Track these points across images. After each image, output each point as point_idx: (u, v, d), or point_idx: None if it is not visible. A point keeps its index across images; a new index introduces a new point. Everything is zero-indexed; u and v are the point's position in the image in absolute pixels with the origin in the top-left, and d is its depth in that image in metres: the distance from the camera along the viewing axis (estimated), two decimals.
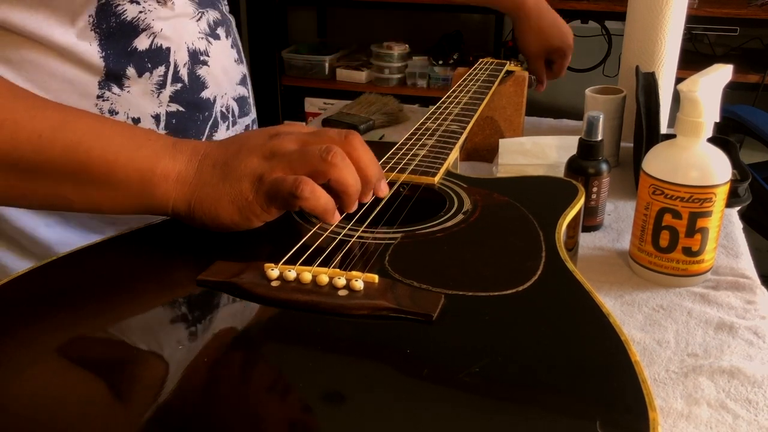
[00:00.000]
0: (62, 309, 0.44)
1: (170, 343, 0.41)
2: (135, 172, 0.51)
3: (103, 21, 0.60)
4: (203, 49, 0.69)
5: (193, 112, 0.68)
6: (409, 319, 0.42)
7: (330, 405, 0.36)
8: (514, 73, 0.99)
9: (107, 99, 0.61)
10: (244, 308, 0.44)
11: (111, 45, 0.61)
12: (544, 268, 0.48)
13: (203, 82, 0.69)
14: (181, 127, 0.67)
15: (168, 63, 0.65)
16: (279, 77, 2.85)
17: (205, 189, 0.51)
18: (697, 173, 0.64)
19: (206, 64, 0.69)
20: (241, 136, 0.55)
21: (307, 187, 0.49)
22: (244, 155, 0.52)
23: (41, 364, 0.39)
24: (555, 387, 0.37)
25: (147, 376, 0.38)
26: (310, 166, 0.50)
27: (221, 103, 0.72)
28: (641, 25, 0.99)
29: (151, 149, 0.52)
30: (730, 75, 0.67)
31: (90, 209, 0.53)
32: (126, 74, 0.62)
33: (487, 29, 2.91)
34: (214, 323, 0.43)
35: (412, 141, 0.70)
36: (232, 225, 0.51)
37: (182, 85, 0.67)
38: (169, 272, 0.49)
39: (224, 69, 0.72)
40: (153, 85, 0.64)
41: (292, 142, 0.52)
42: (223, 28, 0.73)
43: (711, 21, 2.25)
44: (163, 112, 0.65)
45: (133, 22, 0.62)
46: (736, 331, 0.61)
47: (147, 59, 0.63)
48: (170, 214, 0.52)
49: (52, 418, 0.35)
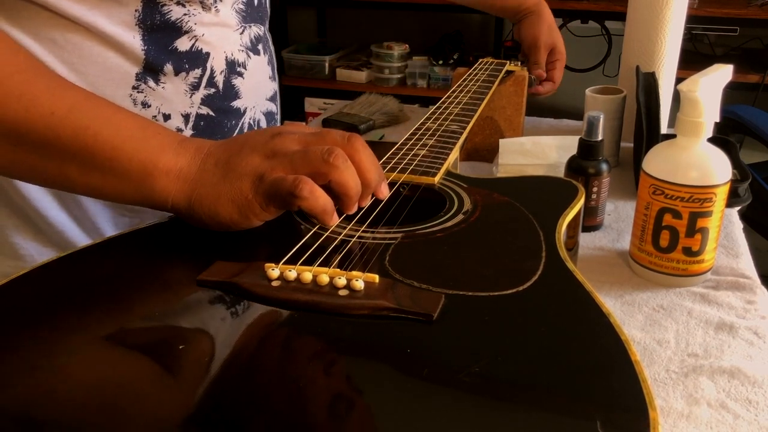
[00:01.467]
0: (61, 309, 0.44)
1: (170, 343, 0.41)
2: (137, 163, 0.51)
3: (148, 18, 0.61)
4: (242, 61, 0.70)
5: (222, 118, 0.69)
6: (409, 319, 0.42)
7: (330, 405, 0.36)
8: (514, 73, 0.99)
9: (142, 91, 0.63)
10: (245, 308, 0.44)
11: (153, 41, 0.62)
12: (544, 268, 0.48)
13: (236, 92, 0.70)
14: (209, 131, 0.68)
15: (205, 67, 0.66)
16: (279, 77, 2.85)
17: (206, 187, 0.51)
18: (697, 173, 0.64)
19: (242, 76, 0.70)
20: (243, 135, 0.55)
21: (306, 187, 0.49)
22: (245, 154, 0.52)
23: (40, 363, 0.39)
24: (555, 387, 0.37)
25: (146, 376, 0.38)
26: (311, 166, 0.50)
27: (250, 115, 0.73)
28: (641, 25, 0.99)
29: (157, 143, 0.52)
30: (730, 75, 0.67)
31: (91, 193, 0.54)
32: (163, 70, 0.63)
33: (487, 29, 2.91)
34: (214, 323, 0.43)
35: (412, 141, 0.70)
36: (231, 223, 0.52)
37: (215, 91, 0.68)
38: (169, 272, 0.49)
39: (258, 83, 0.74)
40: (187, 85, 0.65)
41: (294, 143, 0.52)
42: (262, 45, 0.74)
43: (711, 21, 2.25)
44: (194, 112, 0.66)
45: (176, 23, 0.63)
46: (737, 331, 0.61)
47: (186, 60, 0.64)
48: (170, 209, 0.53)
49: (51, 418, 0.35)
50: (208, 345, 0.41)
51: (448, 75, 2.68)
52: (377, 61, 2.78)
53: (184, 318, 0.44)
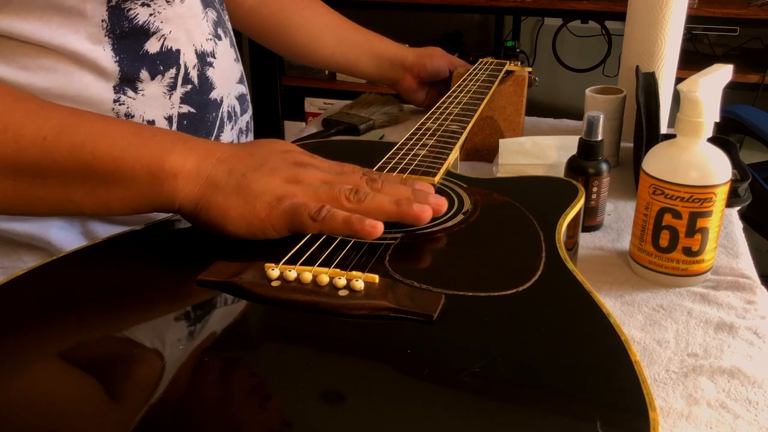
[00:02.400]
0: (61, 309, 0.44)
1: (170, 343, 0.41)
2: (143, 168, 0.51)
3: (116, 26, 0.60)
4: (210, 50, 0.69)
5: (203, 113, 0.68)
6: (409, 319, 0.42)
7: (330, 405, 0.36)
8: (514, 73, 0.99)
9: (123, 103, 0.61)
10: (245, 308, 0.44)
11: (123, 49, 0.61)
12: (544, 268, 0.48)
13: (211, 83, 0.69)
14: (192, 128, 0.67)
15: (178, 65, 0.65)
16: (279, 77, 2.85)
17: (216, 196, 0.51)
18: (697, 173, 0.64)
19: (212, 66, 0.69)
20: (263, 151, 0.55)
21: (324, 209, 0.50)
22: (264, 173, 0.52)
23: (40, 363, 0.39)
24: (555, 387, 0.37)
25: (146, 376, 0.38)
26: (335, 202, 0.51)
27: (227, 103, 0.72)
28: (641, 25, 0.99)
29: (158, 145, 0.52)
30: (730, 75, 0.67)
31: (100, 211, 0.53)
32: (140, 77, 0.62)
33: (487, 29, 2.91)
34: (214, 323, 0.43)
35: (413, 141, 0.70)
36: (234, 236, 0.51)
37: (192, 87, 0.67)
38: (168, 272, 0.49)
39: (226, 69, 0.72)
40: (165, 87, 0.64)
41: (319, 176, 0.53)
42: (221, 28, 0.73)
43: (711, 21, 2.25)
44: (175, 113, 0.66)
45: (144, 26, 0.62)
46: (737, 331, 0.61)
47: (159, 62, 0.64)
48: (175, 211, 0.52)
49: (50, 417, 0.35)
50: (208, 345, 0.41)
51: None
52: None
53: (184, 318, 0.44)
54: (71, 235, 0.63)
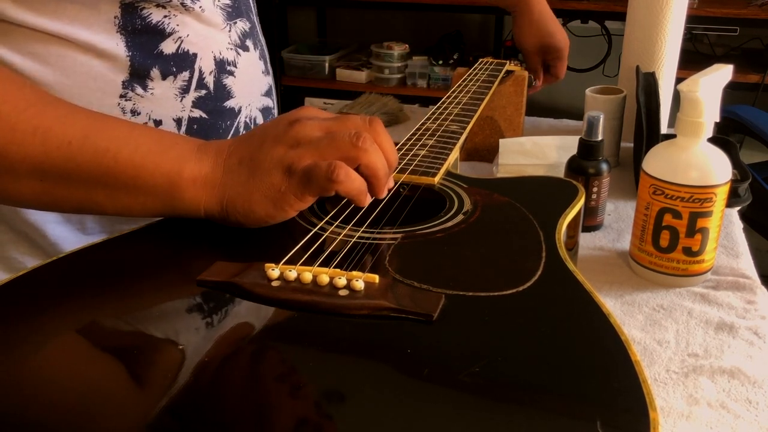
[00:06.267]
0: (61, 309, 0.44)
1: (170, 343, 0.41)
2: (162, 177, 0.51)
3: (129, 23, 0.60)
4: (231, 59, 0.69)
5: (217, 120, 0.68)
6: (409, 319, 0.42)
7: (330, 405, 0.36)
8: (514, 73, 0.99)
9: (130, 99, 0.61)
10: (245, 308, 0.44)
11: (137, 46, 0.61)
12: (544, 268, 0.48)
13: (229, 91, 0.69)
14: (203, 134, 0.67)
15: (193, 69, 0.65)
16: (279, 77, 2.85)
17: (235, 187, 0.51)
18: (697, 173, 0.64)
19: (233, 75, 0.69)
20: (260, 128, 0.55)
21: (342, 171, 0.49)
22: (268, 146, 0.52)
23: (41, 363, 0.39)
24: (555, 387, 0.37)
25: (146, 376, 0.38)
26: (339, 151, 0.50)
27: (246, 114, 0.72)
28: (641, 25, 0.99)
29: (176, 153, 0.52)
30: (730, 75, 0.67)
31: (122, 213, 0.53)
32: (150, 75, 0.62)
33: (487, 29, 2.91)
34: (214, 323, 0.43)
35: (413, 141, 0.70)
36: (267, 218, 0.51)
37: (207, 92, 0.67)
38: (169, 272, 0.49)
39: (251, 80, 0.72)
40: (176, 89, 0.64)
41: (315, 129, 0.52)
42: (251, 40, 0.73)
43: (711, 21, 2.26)
44: (186, 116, 0.65)
45: (158, 26, 0.62)
46: (737, 331, 0.61)
47: (172, 63, 0.63)
48: (203, 216, 0.53)
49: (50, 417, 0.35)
50: (208, 345, 0.41)
51: (448, 75, 2.68)
52: (377, 61, 2.78)
53: (184, 318, 0.44)
54: (66, 231, 0.64)
